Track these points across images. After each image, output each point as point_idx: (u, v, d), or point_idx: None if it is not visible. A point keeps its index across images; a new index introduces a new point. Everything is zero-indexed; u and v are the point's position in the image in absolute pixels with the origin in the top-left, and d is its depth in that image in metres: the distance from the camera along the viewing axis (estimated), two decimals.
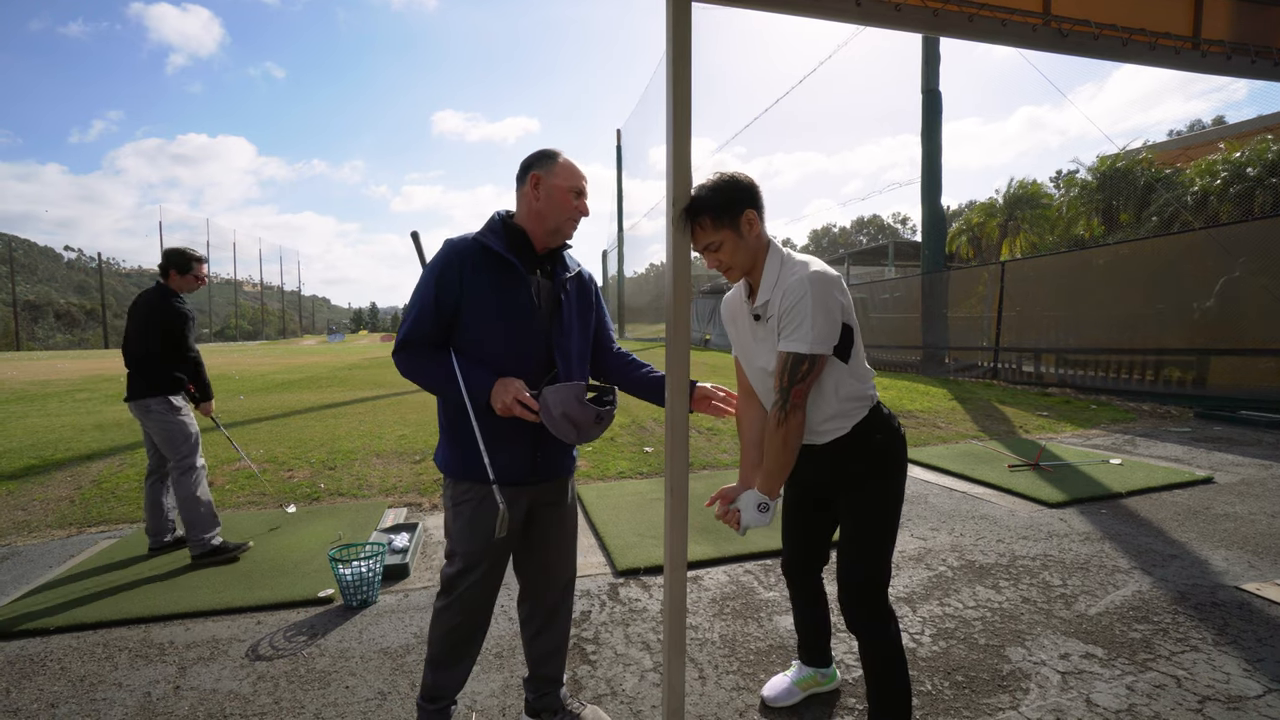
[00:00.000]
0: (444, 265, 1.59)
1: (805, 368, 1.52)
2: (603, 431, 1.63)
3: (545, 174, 1.63)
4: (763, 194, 1.63)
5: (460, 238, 1.64)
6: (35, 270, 57.53)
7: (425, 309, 1.59)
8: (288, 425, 6.73)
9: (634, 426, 6.45)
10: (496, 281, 1.60)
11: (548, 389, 1.55)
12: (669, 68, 1.47)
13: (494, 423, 1.61)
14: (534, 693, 1.90)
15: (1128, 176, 18.14)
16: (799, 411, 1.55)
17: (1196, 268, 7.46)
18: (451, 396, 1.60)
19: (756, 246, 1.62)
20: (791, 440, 1.56)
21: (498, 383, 1.56)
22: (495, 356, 1.61)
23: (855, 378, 1.63)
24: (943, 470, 4.84)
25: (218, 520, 3.25)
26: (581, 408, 1.53)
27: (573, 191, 1.65)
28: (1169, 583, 2.81)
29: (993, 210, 24.53)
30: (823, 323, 1.50)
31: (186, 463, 3.18)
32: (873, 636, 1.68)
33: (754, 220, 1.60)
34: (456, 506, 1.68)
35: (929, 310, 11.71)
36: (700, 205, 1.57)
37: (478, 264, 1.59)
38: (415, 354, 1.61)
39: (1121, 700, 1.97)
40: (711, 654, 2.32)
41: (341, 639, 2.46)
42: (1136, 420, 6.91)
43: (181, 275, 3.25)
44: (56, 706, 2.05)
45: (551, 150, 1.67)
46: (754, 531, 3.47)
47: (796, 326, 1.52)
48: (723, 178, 1.59)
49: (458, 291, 1.58)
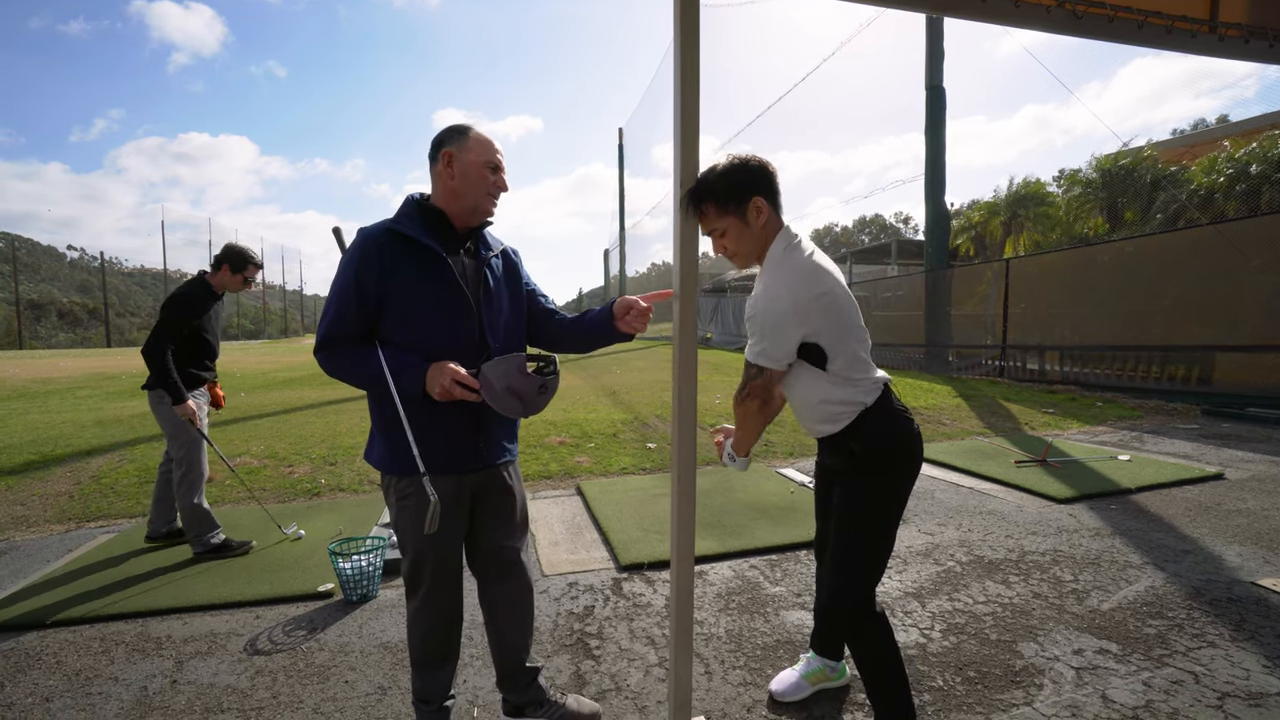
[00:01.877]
0: (361, 257, 1.51)
1: (754, 372, 1.58)
2: (547, 402, 1.58)
3: (458, 150, 1.57)
4: (777, 178, 1.59)
5: (374, 225, 1.57)
6: (38, 269, 57.64)
7: (346, 303, 1.52)
8: (289, 422, 6.70)
9: (636, 423, 6.41)
10: (418, 268, 1.54)
11: (486, 365, 1.52)
12: (677, 41, 1.43)
13: (429, 412, 1.55)
14: (512, 691, 1.82)
15: (1132, 174, 18.06)
16: (753, 400, 1.60)
17: (1203, 264, 7.40)
18: (382, 390, 1.53)
19: (764, 234, 1.58)
20: (748, 421, 1.64)
21: (431, 368, 1.50)
22: (426, 344, 1.54)
23: (835, 383, 1.56)
24: (949, 466, 4.79)
25: (216, 522, 3.24)
26: (524, 378, 1.50)
27: (488, 166, 1.59)
28: (1183, 578, 2.76)
29: (995, 209, 24.45)
30: (769, 343, 1.54)
31: (186, 461, 3.15)
32: (856, 648, 1.64)
33: (762, 208, 1.55)
34: (401, 502, 1.62)
35: (932, 308, 11.66)
36: (704, 190, 1.53)
37: (396, 251, 1.53)
38: (339, 351, 1.55)
39: (1138, 696, 1.93)
40: (717, 649, 2.28)
41: (341, 634, 2.43)
42: (1143, 417, 6.86)
43: (233, 273, 3.23)
44: (51, 700, 2.02)
45: (462, 125, 1.60)
46: (759, 526, 3.45)
47: (755, 336, 1.56)
48: (732, 162, 1.55)
49: (379, 282, 1.51)
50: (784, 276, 1.52)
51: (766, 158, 1.56)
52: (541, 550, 3.26)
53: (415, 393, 1.51)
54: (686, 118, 1.46)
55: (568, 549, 3.27)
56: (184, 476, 3.14)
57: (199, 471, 3.19)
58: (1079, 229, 20.21)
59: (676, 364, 1.53)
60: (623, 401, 7.76)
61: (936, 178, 11.91)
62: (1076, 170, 21.25)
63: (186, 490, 3.14)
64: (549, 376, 1.56)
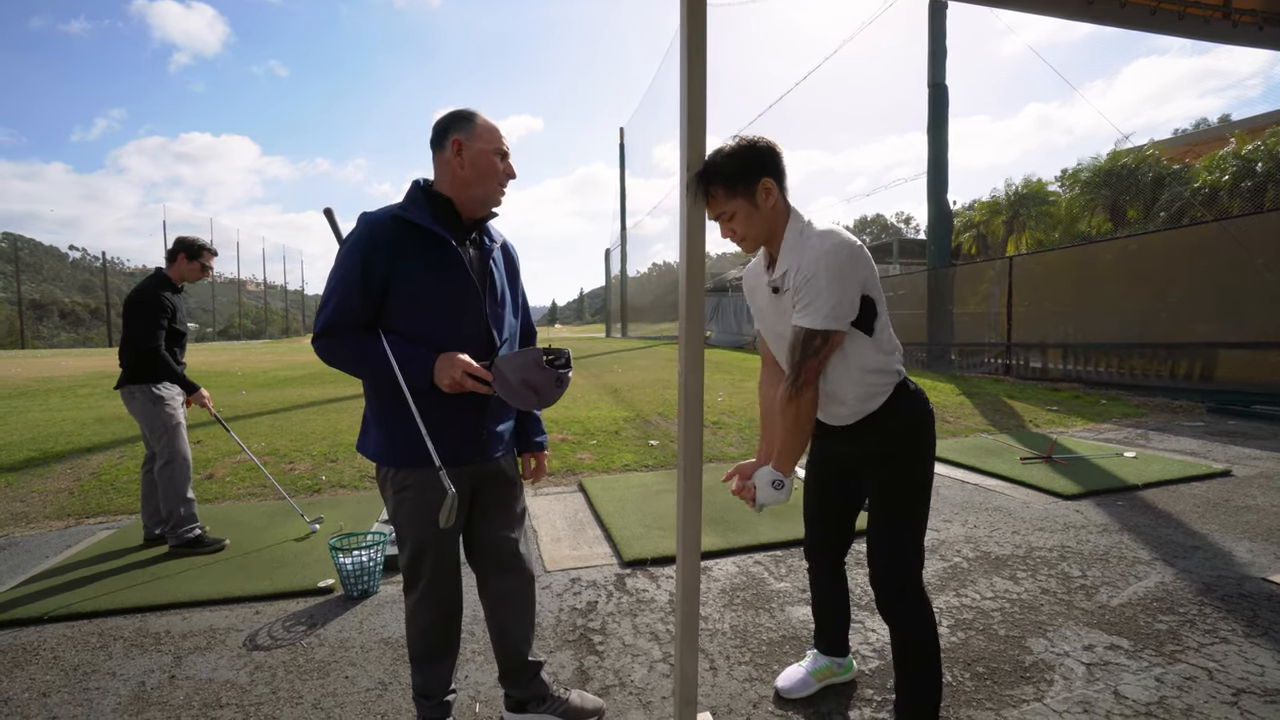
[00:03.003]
0: (367, 242, 1.46)
1: (817, 343, 1.47)
2: (561, 394, 1.56)
3: (467, 138, 1.51)
4: (784, 160, 1.56)
5: (380, 211, 1.52)
6: (40, 269, 57.71)
7: (350, 290, 1.46)
8: (289, 419, 6.67)
9: (638, 420, 6.38)
10: (427, 256, 1.50)
11: (500, 358, 1.50)
12: (683, 24, 1.40)
13: (435, 403, 1.51)
14: (514, 686, 1.80)
15: (1134, 173, 18.01)
16: (810, 388, 1.49)
17: (1208, 261, 7.36)
18: (385, 380, 1.49)
19: (774, 216, 1.54)
20: (803, 418, 1.50)
21: (439, 359, 1.47)
22: (431, 334, 1.50)
23: (881, 351, 1.55)
24: (953, 463, 4.76)
25: (196, 515, 3.21)
26: (541, 372, 1.48)
27: (498, 154, 1.55)
28: (1193, 574, 2.72)
29: (997, 208, 24.41)
30: (838, 297, 1.44)
31: (167, 454, 3.13)
32: (904, 624, 1.60)
33: (771, 189, 1.51)
34: (400, 494, 1.58)
35: (935, 306, 11.61)
36: (712, 172, 1.49)
37: (403, 238, 1.48)
38: (341, 339, 1.49)
39: (1151, 693, 1.89)
40: (723, 644, 2.25)
41: (341, 629, 2.40)
42: (1148, 415, 6.81)
43: (189, 261, 3.23)
44: (48, 696, 1.99)
45: (467, 110, 1.56)
46: (763, 522, 3.42)
47: (810, 301, 1.45)
48: (740, 143, 1.51)
49: (385, 269, 1.46)
50: (821, 235, 1.49)
51: (773, 139, 1.53)
52: (544, 546, 3.23)
53: (422, 384, 1.48)
54: (693, 103, 1.43)
55: (570, 545, 3.24)
56: (166, 466, 3.13)
57: (183, 459, 3.17)
58: (1080, 228, 20.16)
59: (683, 351, 1.49)
60: (624, 399, 7.73)
61: (939, 176, 11.87)
62: (1079, 169, 21.22)
63: (174, 480, 3.12)
64: (564, 371, 1.53)
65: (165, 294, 3.16)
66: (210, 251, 3.32)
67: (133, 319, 3.13)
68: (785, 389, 1.50)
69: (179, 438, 3.18)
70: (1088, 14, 2.03)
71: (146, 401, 3.11)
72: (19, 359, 17.23)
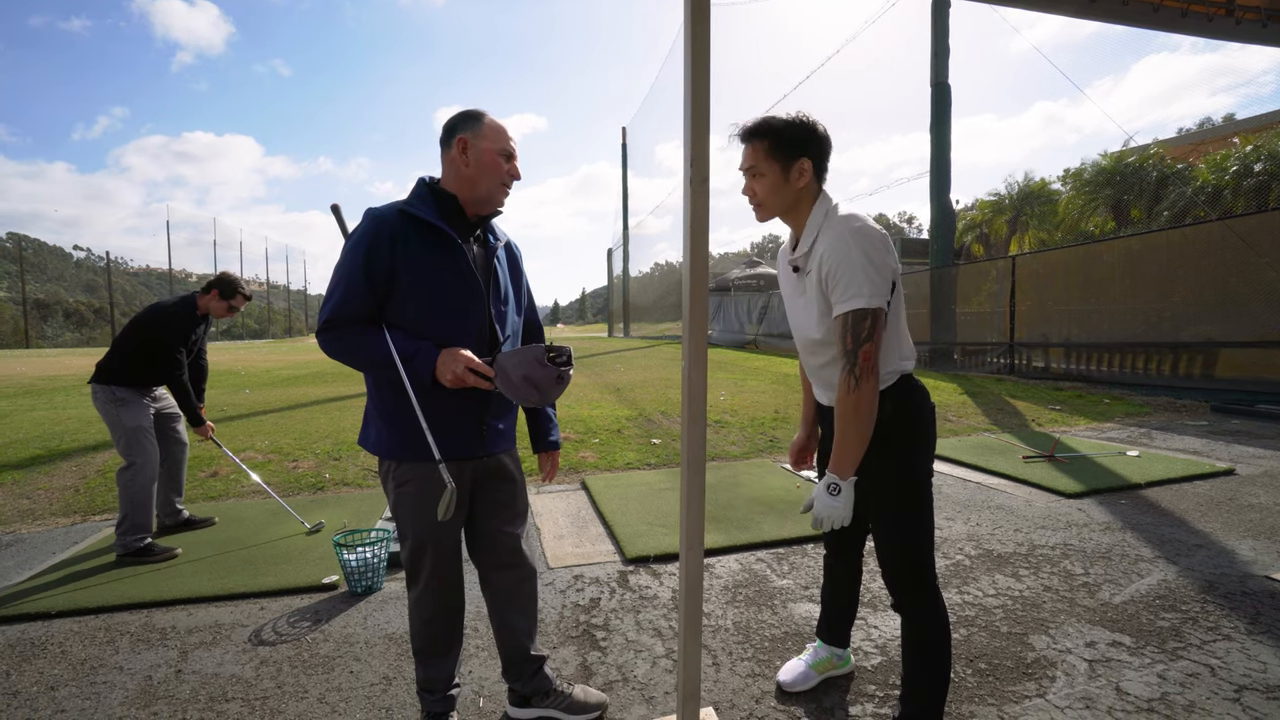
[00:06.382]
0: (372, 237, 1.47)
1: (869, 323, 1.41)
2: (562, 391, 1.57)
3: (473, 137, 1.54)
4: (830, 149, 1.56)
5: (385, 206, 1.53)
6: (45, 269, 57.94)
7: (355, 285, 1.48)
8: (293, 418, 6.70)
9: (641, 419, 6.39)
10: (432, 252, 1.51)
11: (502, 354, 1.51)
12: (687, 15, 1.40)
13: (436, 398, 1.53)
14: (518, 680, 1.81)
15: (1138, 171, 17.95)
16: (871, 377, 1.42)
17: (1212, 260, 7.34)
18: (388, 374, 1.51)
19: (798, 196, 1.55)
20: (863, 411, 1.44)
21: (442, 354, 1.48)
22: (434, 330, 1.52)
23: (899, 339, 1.57)
24: (956, 461, 4.76)
25: (150, 525, 3.13)
26: (543, 369, 1.49)
27: (503, 155, 1.57)
28: (1195, 572, 2.72)
29: (1000, 206, 24.36)
30: (875, 273, 1.42)
31: (127, 457, 3.10)
32: (914, 616, 1.61)
33: (806, 171, 1.52)
34: (400, 488, 1.59)
35: (937, 305, 11.59)
36: (765, 127, 1.51)
37: (408, 234, 1.49)
38: (344, 333, 1.51)
39: (1153, 689, 1.90)
40: (725, 640, 2.26)
41: (346, 625, 2.41)
42: (1151, 414, 6.80)
43: (221, 299, 3.27)
44: (56, 689, 2.01)
45: (476, 110, 1.57)
46: (764, 521, 3.42)
47: (849, 282, 1.42)
48: (798, 117, 1.52)
49: (389, 264, 1.48)
50: (843, 219, 1.49)
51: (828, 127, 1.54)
52: (546, 543, 3.24)
53: (424, 378, 1.49)
54: (697, 102, 1.43)
55: (573, 542, 3.25)
56: (126, 470, 3.09)
57: (144, 465, 3.11)
58: (1083, 226, 20.11)
59: (687, 348, 1.50)
60: (627, 398, 7.74)
61: (941, 175, 11.83)
62: (1081, 168, 21.16)
63: (131, 486, 3.06)
64: (565, 368, 1.54)
65: (191, 320, 3.23)
66: (245, 297, 3.35)
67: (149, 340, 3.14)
68: (843, 380, 1.44)
69: (139, 442, 3.10)
70: (1090, 12, 2.04)
71: (106, 402, 3.10)
72: (24, 358, 17.30)
